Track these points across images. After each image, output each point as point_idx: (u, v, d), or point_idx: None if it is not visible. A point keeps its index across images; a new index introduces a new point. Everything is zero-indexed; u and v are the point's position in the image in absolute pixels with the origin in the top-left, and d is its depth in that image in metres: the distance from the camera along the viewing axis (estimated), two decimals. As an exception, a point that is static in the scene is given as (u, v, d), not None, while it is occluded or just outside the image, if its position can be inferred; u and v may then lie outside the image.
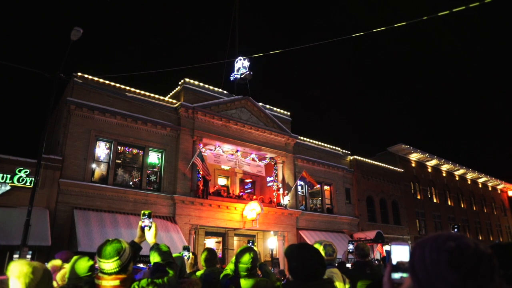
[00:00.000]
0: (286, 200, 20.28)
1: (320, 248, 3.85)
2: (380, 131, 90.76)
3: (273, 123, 21.26)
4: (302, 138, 23.08)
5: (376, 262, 11.09)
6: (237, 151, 19.71)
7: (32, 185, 11.97)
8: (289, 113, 22.89)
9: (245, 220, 18.48)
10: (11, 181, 13.27)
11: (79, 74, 15.84)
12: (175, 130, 17.75)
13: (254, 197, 20.36)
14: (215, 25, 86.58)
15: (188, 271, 4.69)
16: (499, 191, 43.15)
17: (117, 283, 2.24)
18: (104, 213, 14.75)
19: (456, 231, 7.57)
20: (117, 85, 16.93)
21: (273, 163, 21.16)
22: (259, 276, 4.28)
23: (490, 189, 41.40)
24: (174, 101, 18.40)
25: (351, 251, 5.44)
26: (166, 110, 17.89)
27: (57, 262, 4.25)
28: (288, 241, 19.67)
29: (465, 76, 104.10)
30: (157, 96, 17.99)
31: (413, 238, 27.13)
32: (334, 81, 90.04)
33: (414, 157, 32.00)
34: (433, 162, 33.64)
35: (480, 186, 39.79)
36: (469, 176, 38.23)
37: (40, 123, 41.74)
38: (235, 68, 21.29)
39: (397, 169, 29.09)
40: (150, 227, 2.76)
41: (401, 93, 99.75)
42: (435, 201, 32.91)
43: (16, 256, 11.93)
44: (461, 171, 36.87)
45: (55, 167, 14.33)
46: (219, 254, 18.03)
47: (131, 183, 16.59)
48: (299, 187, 22.15)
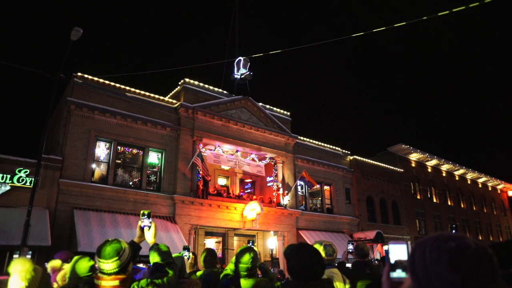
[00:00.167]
0: (286, 200, 20.28)
1: (320, 248, 3.85)
2: (380, 131, 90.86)
3: (273, 123, 21.26)
4: (302, 138, 23.09)
5: (375, 262, 11.08)
6: (237, 151, 19.71)
7: (32, 185, 11.96)
8: (289, 113, 22.89)
9: (245, 220, 18.48)
10: (11, 181, 13.27)
11: (79, 74, 15.85)
12: (175, 130, 17.75)
13: (254, 197, 20.36)
14: (215, 25, 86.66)
15: (188, 271, 4.69)
16: (499, 191, 43.15)
17: (116, 283, 2.24)
18: (104, 213, 14.75)
19: (454, 232, 7.57)
20: (117, 85, 16.94)
21: (273, 163, 21.16)
22: (259, 276, 4.28)
23: (490, 189, 41.41)
24: (174, 101, 18.40)
25: (350, 251, 5.44)
26: (166, 110, 17.89)
27: (57, 262, 4.25)
28: (288, 241, 19.67)
29: (465, 76, 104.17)
30: (157, 96, 17.99)
31: (413, 238, 27.10)
32: (334, 81, 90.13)
33: (414, 157, 32.00)
34: (433, 162, 33.64)
35: (480, 186, 39.79)
36: (469, 176, 38.24)
37: (40, 123, 41.76)
38: (235, 68, 21.27)
39: (397, 169, 29.11)
40: (149, 227, 2.75)
41: (401, 93, 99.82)
42: (435, 201, 32.91)
43: (16, 256, 11.92)
44: (461, 171, 36.88)
45: (55, 167, 14.33)
46: (219, 254, 18.03)
47: (131, 183, 16.60)
48: (299, 187, 22.15)
